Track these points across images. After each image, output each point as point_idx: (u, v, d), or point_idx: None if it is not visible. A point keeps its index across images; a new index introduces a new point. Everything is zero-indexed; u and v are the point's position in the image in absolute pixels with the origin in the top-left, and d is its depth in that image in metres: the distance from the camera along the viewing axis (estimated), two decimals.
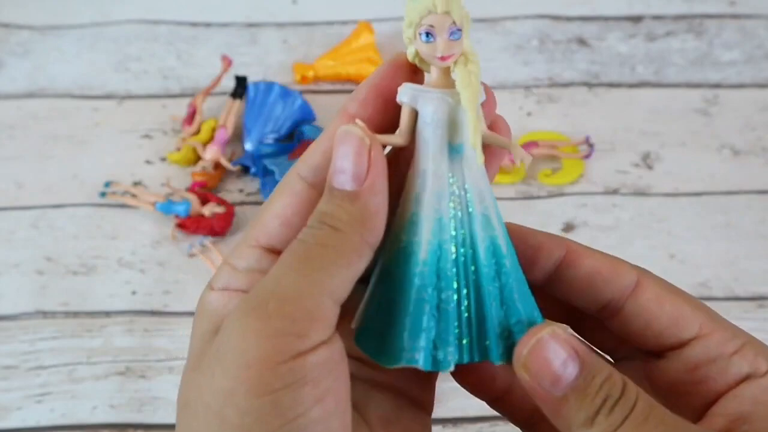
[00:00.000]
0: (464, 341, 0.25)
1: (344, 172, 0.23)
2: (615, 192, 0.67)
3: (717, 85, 0.75)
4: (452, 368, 0.24)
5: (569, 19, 0.80)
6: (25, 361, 0.57)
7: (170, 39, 0.78)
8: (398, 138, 0.25)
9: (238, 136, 0.69)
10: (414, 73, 0.25)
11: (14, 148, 0.70)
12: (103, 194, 0.66)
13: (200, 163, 0.66)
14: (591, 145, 0.68)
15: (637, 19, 0.80)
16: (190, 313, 0.59)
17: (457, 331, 0.25)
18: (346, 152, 0.23)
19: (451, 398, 0.51)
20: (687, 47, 0.78)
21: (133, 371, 0.57)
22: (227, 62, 0.71)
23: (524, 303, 0.25)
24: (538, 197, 0.67)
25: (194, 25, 0.80)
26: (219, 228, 0.62)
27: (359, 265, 0.23)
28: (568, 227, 0.65)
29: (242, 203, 0.66)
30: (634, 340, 0.27)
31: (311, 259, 0.22)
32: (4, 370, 0.57)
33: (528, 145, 0.67)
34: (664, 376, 0.26)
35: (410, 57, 0.25)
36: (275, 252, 0.24)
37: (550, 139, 0.69)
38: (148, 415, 0.55)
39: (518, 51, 0.77)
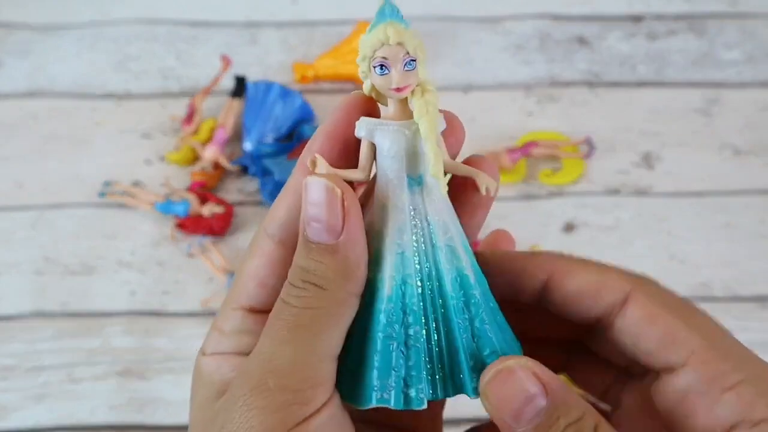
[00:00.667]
0: (437, 376, 0.24)
1: (319, 222, 0.22)
2: (615, 192, 0.66)
3: (718, 85, 0.74)
4: (425, 406, 0.23)
5: (570, 18, 0.80)
6: (25, 361, 0.57)
7: (170, 39, 0.78)
8: (359, 173, 0.24)
9: (237, 136, 0.69)
10: (371, 107, 0.25)
11: (14, 147, 0.70)
12: (102, 194, 0.66)
13: (199, 163, 0.66)
14: (591, 145, 0.68)
15: (637, 18, 0.80)
16: (190, 314, 0.59)
17: (428, 366, 0.24)
18: (317, 202, 0.22)
19: (451, 400, 0.50)
20: (688, 47, 0.78)
21: (133, 372, 0.57)
22: (226, 62, 0.71)
23: (497, 333, 0.24)
24: (539, 197, 0.66)
25: (194, 24, 0.80)
26: (218, 228, 0.62)
27: (349, 317, 0.23)
28: (569, 227, 0.65)
29: (241, 203, 0.66)
30: (621, 362, 0.25)
31: (302, 326, 0.22)
32: (3, 370, 0.57)
33: (528, 145, 0.66)
34: (658, 398, 0.23)
35: (366, 91, 0.25)
36: (257, 311, 0.25)
37: (550, 139, 0.68)
38: (148, 416, 0.55)
39: (518, 51, 0.77)
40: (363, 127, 0.24)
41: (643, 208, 0.66)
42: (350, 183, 0.23)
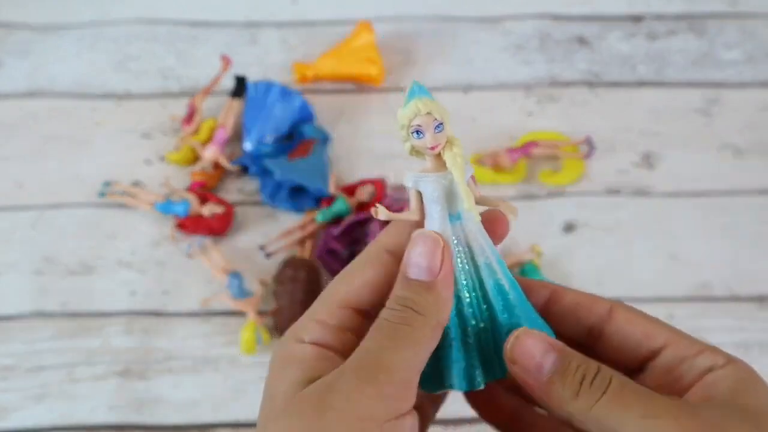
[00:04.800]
0: (488, 364, 0.31)
1: (419, 266, 0.28)
2: (616, 192, 0.66)
3: (718, 85, 0.74)
4: (483, 387, 0.30)
5: (569, 18, 0.80)
6: (25, 361, 0.57)
7: (170, 39, 0.78)
8: (413, 215, 0.31)
9: (237, 136, 0.69)
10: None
11: (13, 147, 0.70)
12: (102, 194, 0.66)
13: (199, 163, 0.66)
14: (592, 145, 0.68)
15: (637, 18, 0.80)
16: (190, 314, 0.59)
17: (480, 356, 0.31)
18: (421, 250, 0.28)
19: (451, 401, 0.50)
20: (688, 47, 0.78)
21: (132, 372, 0.57)
22: (226, 62, 0.71)
23: (529, 322, 0.30)
24: (539, 197, 0.66)
25: (194, 24, 0.80)
26: (218, 228, 0.62)
27: (435, 342, 0.28)
28: (569, 227, 0.65)
29: (241, 203, 0.66)
30: (617, 359, 0.31)
31: (401, 338, 0.27)
32: (3, 370, 0.57)
33: (528, 145, 0.66)
34: (649, 381, 0.30)
35: (407, 151, 0.32)
36: (362, 314, 0.29)
37: (550, 139, 0.68)
38: (147, 416, 0.55)
39: (519, 51, 0.77)
40: (410, 179, 0.31)
41: (643, 208, 0.66)
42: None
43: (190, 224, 0.62)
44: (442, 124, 0.31)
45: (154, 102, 0.73)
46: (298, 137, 0.68)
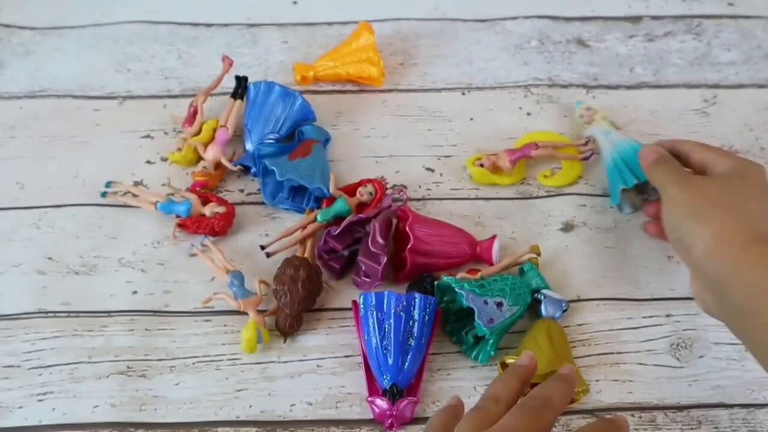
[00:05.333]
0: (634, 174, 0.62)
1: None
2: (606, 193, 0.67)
3: (716, 86, 0.75)
4: (632, 185, 0.61)
5: (568, 19, 0.80)
6: (27, 360, 0.58)
7: (171, 39, 0.79)
8: None
9: (239, 137, 0.70)
10: None
11: (15, 148, 0.70)
12: (104, 194, 0.66)
13: (201, 163, 0.66)
14: (592, 151, 0.67)
15: (636, 19, 0.81)
16: (191, 313, 0.60)
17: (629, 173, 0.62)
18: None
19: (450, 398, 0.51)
20: (686, 47, 0.78)
21: (134, 370, 0.57)
22: (228, 62, 0.71)
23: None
24: (538, 197, 0.67)
25: (195, 25, 0.80)
26: (220, 228, 0.63)
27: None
28: (568, 227, 0.65)
29: (243, 203, 0.66)
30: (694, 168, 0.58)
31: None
32: (5, 369, 0.57)
33: (528, 147, 0.67)
34: None
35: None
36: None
37: (550, 140, 0.69)
38: (149, 414, 0.55)
39: (518, 51, 0.78)
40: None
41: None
42: None
43: (191, 224, 0.63)
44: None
45: (155, 102, 0.74)
46: (299, 137, 0.68)
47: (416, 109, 0.73)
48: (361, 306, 0.56)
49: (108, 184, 0.66)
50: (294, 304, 0.57)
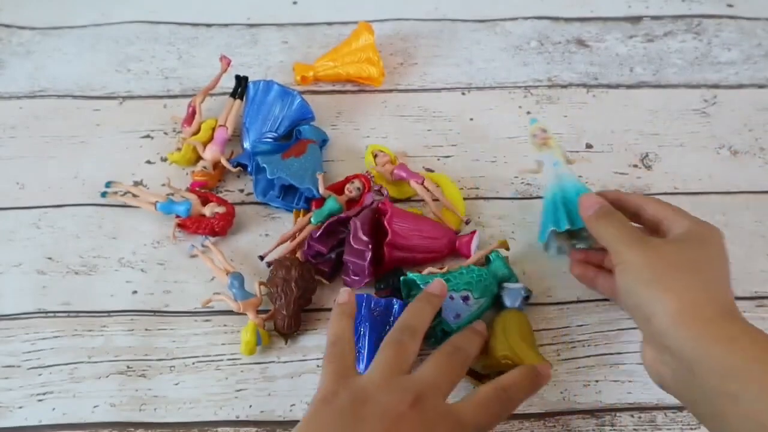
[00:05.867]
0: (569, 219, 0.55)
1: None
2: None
3: (715, 86, 0.75)
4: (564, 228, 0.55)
5: (568, 20, 0.80)
6: (27, 360, 0.58)
7: (171, 39, 0.79)
8: None
9: (238, 136, 0.70)
10: None
11: (16, 148, 0.70)
12: (104, 194, 0.66)
13: (201, 163, 0.66)
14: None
15: (635, 19, 0.81)
16: (191, 313, 0.60)
17: (565, 215, 0.56)
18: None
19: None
20: (686, 47, 0.78)
21: (134, 370, 0.57)
22: (226, 62, 0.71)
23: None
24: (537, 197, 0.67)
25: (195, 25, 0.80)
26: (219, 228, 0.63)
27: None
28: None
29: (242, 203, 0.66)
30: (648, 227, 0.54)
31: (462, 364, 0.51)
32: (5, 369, 0.57)
33: (417, 176, 0.65)
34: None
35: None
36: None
37: (444, 191, 0.65)
38: (149, 414, 0.55)
39: (518, 52, 0.78)
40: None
41: None
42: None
43: (191, 224, 0.63)
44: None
45: (155, 102, 0.74)
46: (297, 137, 0.68)
47: (416, 109, 0.73)
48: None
49: (108, 184, 0.66)
50: (290, 304, 0.57)
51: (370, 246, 0.57)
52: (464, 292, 0.55)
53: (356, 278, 0.59)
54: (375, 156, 0.66)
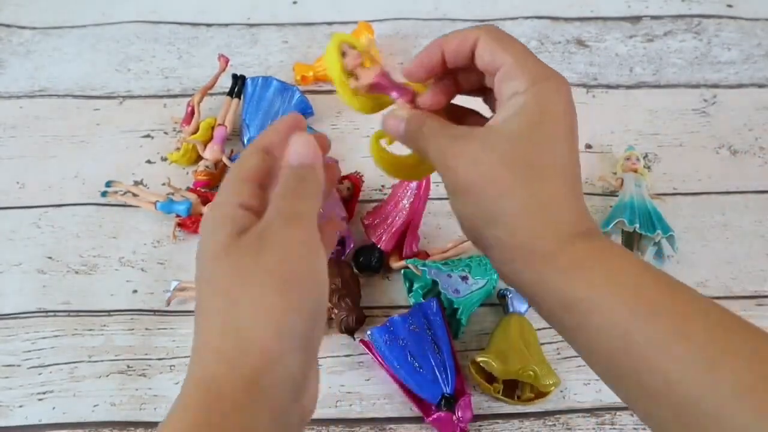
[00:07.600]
0: None
1: (304, 155, 0.37)
2: (614, 192, 0.67)
3: (715, 85, 0.75)
4: None
5: (568, 20, 0.81)
6: (27, 359, 0.58)
7: (171, 39, 0.79)
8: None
9: (237, 136, 0.70)
10: None
11: (16, 147, 0.70)
12: (104, 194, 0.66)
13: (201, 162, 0.66)
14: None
15: (635, 19, 0.81)
16: (191, 312, 0.60)
17: None
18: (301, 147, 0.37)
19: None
20: (685, 47, 0.78)
21: (134, 370, 0.57)
22: (224, 61, 0.71)
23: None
24: None
25: (195, 25, 0.80)
26: None
27: (320, 196, 0.36)
28: None
29: None
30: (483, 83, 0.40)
31: (303, 197, 0.35)
32: (5, 368, 0.57)
33: (407, 92, 0.64)
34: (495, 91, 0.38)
35: None
36: (262, 187, 0.37)
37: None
38: (149, 414, 0.55)
39: None
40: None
41: None
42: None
43: (191, 223, 0.63)
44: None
45: (155, 102, 0.74)
46: None
47: None
48: (374, 344, 0.55)
49: (108, 184, 0.67)
50: (354, 300, 0.58)
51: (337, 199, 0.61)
52: (462, 272, 0.57)
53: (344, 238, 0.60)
54: (344, 54, 0.41)
